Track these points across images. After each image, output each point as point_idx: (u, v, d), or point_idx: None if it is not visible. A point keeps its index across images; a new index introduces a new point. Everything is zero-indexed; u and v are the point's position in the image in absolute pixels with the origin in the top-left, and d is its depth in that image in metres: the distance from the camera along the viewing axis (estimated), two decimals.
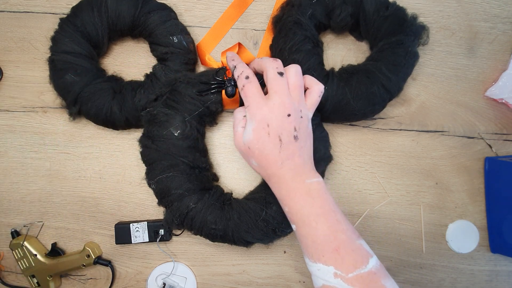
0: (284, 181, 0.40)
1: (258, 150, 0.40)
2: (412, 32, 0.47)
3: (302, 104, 0.41)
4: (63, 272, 0.52)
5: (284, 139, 0.39)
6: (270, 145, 0.39)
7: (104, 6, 0.47)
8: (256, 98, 0.40)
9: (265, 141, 0.40)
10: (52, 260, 0.51)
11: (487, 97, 0.54)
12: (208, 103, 0.47)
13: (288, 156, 0.40)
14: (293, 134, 0.40)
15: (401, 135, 0.54)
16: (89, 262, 0.51)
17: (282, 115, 0.39)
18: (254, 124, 0.40)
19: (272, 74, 0.40)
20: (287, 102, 0.40)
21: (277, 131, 0.39)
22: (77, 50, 0.48)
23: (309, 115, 0.42)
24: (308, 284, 0.53)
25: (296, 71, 0.41)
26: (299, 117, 0.40)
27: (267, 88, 0.41)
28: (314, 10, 0.49)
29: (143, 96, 0.48)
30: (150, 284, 0.53)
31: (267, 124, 0.39)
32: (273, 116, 0.39)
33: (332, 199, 0.40)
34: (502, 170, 0.51)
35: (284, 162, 0.40)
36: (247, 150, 0.41)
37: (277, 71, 0.40)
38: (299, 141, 0.40)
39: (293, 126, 0.40)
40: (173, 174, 0.46)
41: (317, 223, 0.38)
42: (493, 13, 0.54)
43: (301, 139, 0.40)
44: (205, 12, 0.54)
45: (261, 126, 0.39)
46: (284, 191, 0.41)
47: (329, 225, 0.38)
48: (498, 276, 0.54)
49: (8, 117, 0.54)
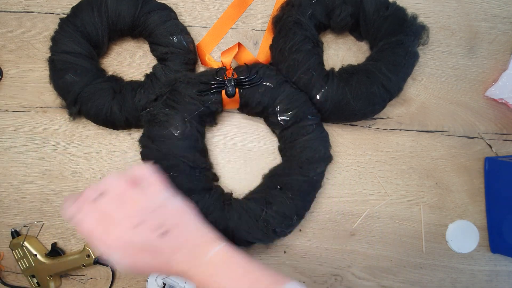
0: (184, 276, 0.35)
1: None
2: (412, 32, 0.47)
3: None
4: (63, 272, 0.52)
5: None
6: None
7: (104, 6, 0.47)
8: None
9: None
10: (52, 260, 0.51)
11: (487, 97, 0.54)
12: (208, 103, 0.47)
13: (168, 254, 0.35)
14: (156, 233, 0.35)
15: (401, 135, 0.54)
16: (89, 262, 0.51)
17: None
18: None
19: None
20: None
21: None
22: (77, 50, 0.48)
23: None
24: (308, 284, 0.53)
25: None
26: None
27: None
28: (314, 10, 0.49)
29: (143, 96, 0.48)
30: (150, 284, 0.53)
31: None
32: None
33: (241, 257, 0.36)
34: (502, 170, 0.51)
35: (154, 268, 0.36)
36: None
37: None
38: (168, 234, 0.36)
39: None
40: (173, 174, 0.46)
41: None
42: (493, 13, 0.54)
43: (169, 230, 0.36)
44: (205, 12, 0.54)
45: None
46: (195, 278, 0.35)
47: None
48: (498, 276, 0.54)
49: (8, 117, 0.54)
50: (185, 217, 0.38)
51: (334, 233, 0.53)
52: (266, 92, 0.47)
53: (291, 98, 0.47)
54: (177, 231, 0.36)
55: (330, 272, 0.53)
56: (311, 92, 0.48)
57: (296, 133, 0.47)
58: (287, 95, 0.47)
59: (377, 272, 0.53)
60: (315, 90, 0.48)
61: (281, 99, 0.47)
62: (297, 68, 0.48)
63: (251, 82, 0.47)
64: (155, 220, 0.36)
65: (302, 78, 0.48)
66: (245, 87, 0.47)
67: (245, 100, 0.48)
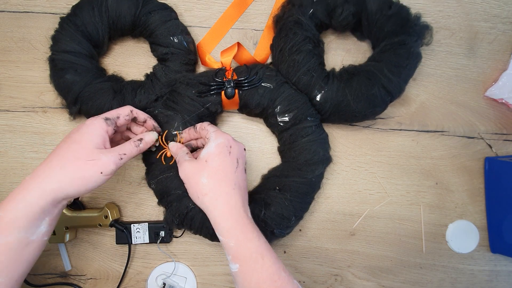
0: (233, 206, 0.40)
1: (217, 163, 0.41)
2: (415, 32, 0.47)
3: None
4: (80, 227, 0.52)
5: (240, 164, 0.43)
6: (228, 161, 0.42)
7: (105, 6, 0.47)
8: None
9: (226, 157, 0.42)
10: (72, 212, 0.51)
11: (487, 97, 0.54)
12: (208, 104, 0.47)
13: (239, 181, 0.42)
14: (244, 166, 0.44)
15: (401, 135, 0.54)
16: (106, 223, 0.51)
17: (241, 147, 0.44)
18: (220, 141, 0.42)
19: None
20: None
21: (236, 154, 0.43)
22: (77, 49, 0.48)
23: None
24: (308, 284, 0.53)
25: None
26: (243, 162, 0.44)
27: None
28: (315, 10, 0.48)
29: (143, 96, 0.48)
30: (150, 284, 0.53)
31: (230, 146, 0.43)
32: (235, 144, 0.43)
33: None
34: (502, 170, 0.51)
35: (236, 185, 0.41)
36: (201, 165, 0.41)
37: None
38: (246, 175, 0.44)
39: (244, 161, 0.44)
40: (173, 174, 0.46)
41: (263, 258, 0.38)
42: (493, 13, 0.54)
43: (246, 175, 0.44)
44: (205, 12, 0.54)
45: (224, 144, 0.42)
46: (232, 219, 0.40)
47: (273, 261, 0.38)
48: (498, 276, 0.54)
49: (8, 117, 0.54)
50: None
51: (334, 233, 0.53)
52: (266, 93, 0.47)
53: (290, 99, 0.47)
54: (246, 180, 0.45)
55: (330, 272, 0.53)
56: (311, 93, 0.48)
57: (295, 135, 0.47)
58: (287, 96, 0.47)
59: (377, 272, 0.53)
60: (315, 91, 0.47)
61: (280, 100, 0.47)
62: (297, 69, 0.47)
63: (250, 84, 0.47)
64: (244, 162, 0.44)
65: (302, 79, 0.48)
66: (245, 88, 0.47)
67: (245, 101, 0.48)
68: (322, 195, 0.53)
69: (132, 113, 0.45)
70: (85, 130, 0.41)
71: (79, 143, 0.40)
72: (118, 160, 0.40)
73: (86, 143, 0.40)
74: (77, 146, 0.39)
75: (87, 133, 0.40)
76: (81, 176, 0.38)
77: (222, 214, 0.40)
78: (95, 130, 0.41)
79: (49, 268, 0.54)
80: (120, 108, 0.44)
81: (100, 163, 0.39)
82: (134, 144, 0.43)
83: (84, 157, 0.39)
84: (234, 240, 0.39)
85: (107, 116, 0.42)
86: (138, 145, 0.43)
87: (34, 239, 0.37)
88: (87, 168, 0.39)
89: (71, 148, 0.39)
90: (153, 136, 0.45)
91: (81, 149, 0.39)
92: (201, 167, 0.41)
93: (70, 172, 0.38)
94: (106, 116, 0.42)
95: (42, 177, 0.38)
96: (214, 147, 0.42)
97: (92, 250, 0.54)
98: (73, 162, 0.38)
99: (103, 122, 0.41)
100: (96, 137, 0.40)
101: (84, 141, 0.40)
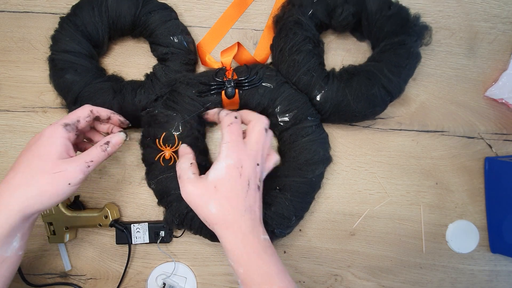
0: (243, 233, 0.38)
1: (226, 190, 0.38)
2: (415, 32, 0.47)
3: (264, 162, 0.42)
4: (80, 227, 0.52)
5: (251, 185, 0.39)
6: (239, 186, 0.38)
7: (105, 6, 0.47)
8: (239, 138, 0.40)
9: (236, 181, 0.38)
10: (72, 212, 0.51)
11: (487, 97, 0.54)
12: (208, 104, 0.47)
13: (250, 204, 0.39)
14: (257, 183, 0.40)
15: (401, 135, 0.54)
16: (106, 223, 0.51)
17: (254, 162, 0.40)
18: (230, 162, 0.39)
19: (260, 127, 0.41)
20: (261, 153, 0.41)
21: (248, 175, 0.39)
22: (77, 49, 0.48)
23: (264, 174, 0.42)
24: (308, 284, 0.53)
25: (271, 136, 0.43)
26: (261, 171, 0.41)
27: (245, 134, 0.42)
28: (315, 10, 0.48)
29: (143, 96, 0.48)
30: (150, 284, 0.53)
31: (241, 166, 0.39)
32: (248, 160, 0.39)
33: (279, 257, 0.39)
34: (502, 170, 0.51)
35: (246, 211, 0.38)
36: (209, 191, 0.38)
37: (265, 127, 0.42)
38: (259, 192, 0.41)
39: (259, 176, 0.40)
40: (173, 175, 0.46)
41: (273, 285, 0.36)
42: (493, 13, 0.54)
43: (261, 191, 0.41)
44: (205, 12, 0.54)
45: (235, 166, 0.39)
46: (242, 246, 0.38)
47: (283, 286, 0.36)
48: (498, 276, 0.54)
49: (8, 117, 0.54)
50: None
51: (334, 233, 0.53)
52: (266, 93, 0.47)
53: (291, 99, 0.47)
54: (260, 196, 0.41)
55: (330, 272, 0.53)
56: (311, 93, 0.48)
57: (295, 135, 0.47)
58: (287, 96, 0.47)
59: (377, 272, 0.53)
60: (315, 91, 0.48)
61: (281, 100, 0.47)
62: (297, 68, 0.48)
63: (250, 83, 0.47)
64: (260, 175, 0.41)
65: (302, 79, 0.48)
66: (245, 88, 0.47)
67: (245, 101, 0.48)
68: (322, 195, 0.53)
69: (93, 113, 0.42)
70: (45, 142, 0.38)
71: (41, 156, 0.37)
72: (86, 168, 0.39)
73: (49, 155, 0.38)
74: (39, 160, 0.37)
75: (47, 144, 0.38)
76: (49, 191, 0.37)
77: (231, 243, 0.38)
78: (56, 140, 0.38)
79: (49, 268, 0.54)
80: (79, 109, 0.42)
81: (67, 174, 0.37)
82: (101, 148, 0.41)
83: (49, 171, 0.37)
84: (244, 267, 0.37)
85: (66, 122, 0.40)
86: (106, 149, 0.41)
87: (9, 255, 0.37)
88: (54, 181, 0.37)
89: (33, 163, 0.37)
90: (121, 137, 0.43)
91: (45, 163, 0.37)
92: (208, 194, 0.38)
93: (36, 188, 0.36)
94: (65, 122, 0.40)
95: (7, 196, 0.36)
96: (224, 168, 0.38)
97: (92, 250, 0.54)
98: (38, 177, 0.37)
99: (62, 129, 0.39)
100: (57, 147, 0.38)
101: (46, 154, 0.38)
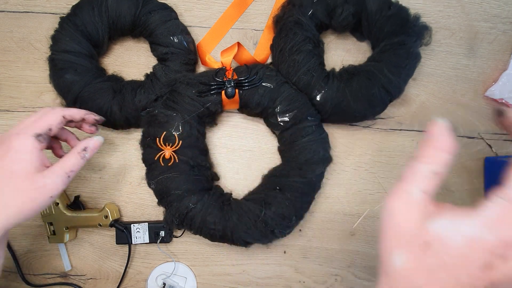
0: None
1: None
2: (415, 33, 0.47)
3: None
4: (80, 227, 0.52)
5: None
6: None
7: (105, 5, 0.47)
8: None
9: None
10: (72, 212, 0.51)
11: (487, 97, 0.54)
12: (208, 104, 0.47)
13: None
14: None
15: (401, 135, 0.54)
16: (106, 223, 0.51)
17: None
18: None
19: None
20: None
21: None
22: (77, 49, 0.48)
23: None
24: (308, 284, 0.53)
25: None
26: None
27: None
28: (315, 10, 0.48)
29: (143, 96, 0.48)
30: (150, 284, 0.53)
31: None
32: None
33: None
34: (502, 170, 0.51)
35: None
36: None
37: None
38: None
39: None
40: (172, 175, 0.46)
41: None
42: (493, 13, 0.54)
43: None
44: (205, 12, 0.54)
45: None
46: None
47: None
48: None
49: (8, 117, 0.54)
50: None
51: (334, 233, 0.53)
52: (266, 93, 0.47)
53: (291, 99, 0.47)
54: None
55: (330, 272, 0.53)
56: (311, 93, 0.48)
57: (295, 134, 0.47)
58: (287, 96, 0.47)
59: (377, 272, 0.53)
60: (315, 91, 0.48)
61: (281, 100, 0.47)
62: (297, 69, 0.48)
63: (250, 83, 0.47)
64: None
65: (302, 79, 0.48)
66: (245, 88, 0.47)
67: (245, 101, 0.48)
68: (322, 195, 0.53)
69: (65, 118, 0.40)
70: (18, 157, 0.35)
71: (16, 174, 0.35)
72: (66, 179, 0.37)
73: (24, 171, 0.35)
74: (16, 178, 0.35)
75: (21, 160, 0.35)
76: (29, 207, 0.35)
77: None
78: (29, 154, 0.36)
79: (49, 268, 0.54)
80: (49, 116, 0.39)
81: (48, 188, 0.36)
82: (79, 155, 0.39)
83: (28, 187, 0.35)
84: None
85: (38, 132, 0.37)
86: (84, 156, 0.39)
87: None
88: (34, 197, 0.35)
89: (10, 183, 0.35)
90: (99, 141, 0.41)
91: (21, 181, 0.35)
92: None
93: (16, 207, 0.35)
94: (37, 133, 0.37)
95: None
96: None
97: (92, 250, 0.54)
98: (17, 197, 0.35)
99: (34, 141, 0.36)
100: (33, 162, 0.36)
101: (21, 170, 0.35)
